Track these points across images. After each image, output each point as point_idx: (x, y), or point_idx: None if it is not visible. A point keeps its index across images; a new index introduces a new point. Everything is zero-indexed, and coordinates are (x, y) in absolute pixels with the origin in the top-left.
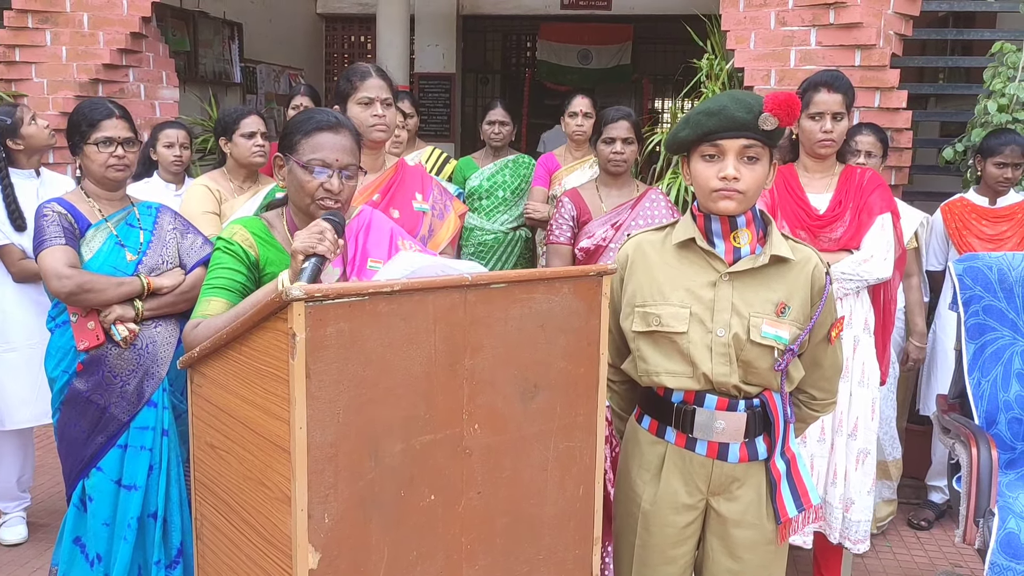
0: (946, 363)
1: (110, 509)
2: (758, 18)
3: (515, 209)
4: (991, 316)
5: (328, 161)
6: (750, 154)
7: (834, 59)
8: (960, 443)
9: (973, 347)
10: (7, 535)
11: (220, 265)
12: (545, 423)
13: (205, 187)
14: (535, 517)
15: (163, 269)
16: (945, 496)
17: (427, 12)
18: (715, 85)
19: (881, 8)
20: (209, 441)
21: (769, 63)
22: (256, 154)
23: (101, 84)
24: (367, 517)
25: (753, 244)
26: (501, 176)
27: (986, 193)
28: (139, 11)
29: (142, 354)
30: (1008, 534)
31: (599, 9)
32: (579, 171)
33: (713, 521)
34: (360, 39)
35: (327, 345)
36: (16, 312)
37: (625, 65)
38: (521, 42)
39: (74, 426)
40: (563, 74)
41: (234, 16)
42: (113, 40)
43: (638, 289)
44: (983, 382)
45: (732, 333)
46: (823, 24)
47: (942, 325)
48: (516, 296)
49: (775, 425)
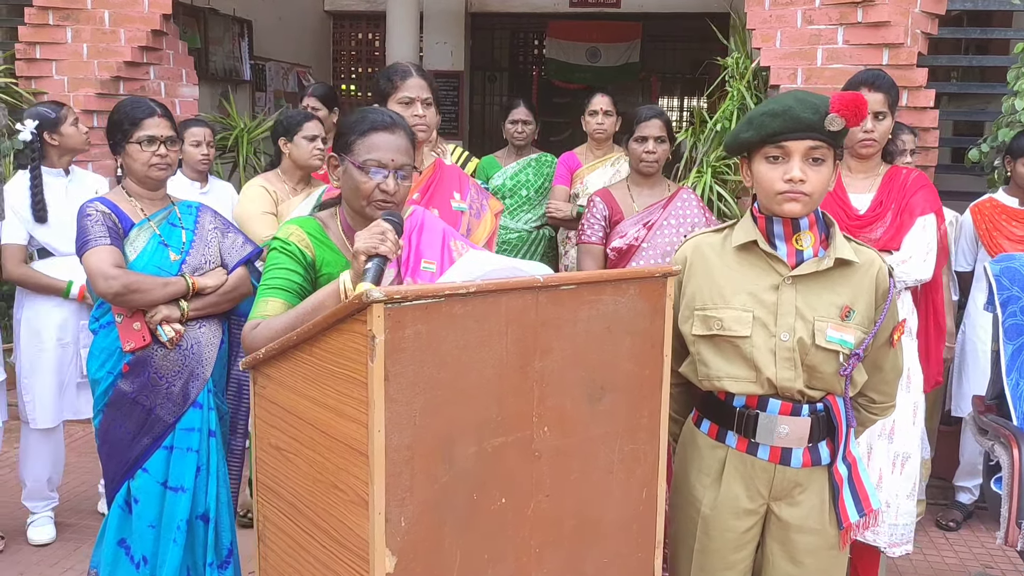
0: (976, 363)
1: (156, 511)
2: (784, 16)
3: (539, 208)
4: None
5: (384, 161)
6: (815, 155)
7: (861, 58)
8: (1000, 444)
9: (1011, 348)
10: (36, 535)
11: (277, 265)
12: (611, 425)
13: (263, 188)
14: (600, 520)
15: (206, 269)
16: (973, 497)
17: (436, 9)
18: (740, 84)
19: (908, 7)
20: (274, 443)
21: (796, 62)
22: (316, 156)
23: (122, 82)
24: (441, 520)
25: (816, 247)
26: (524, 175)
27: (1016, 193)
28: (160, 8)
29: (187, 355)
30: None
31: (608, 7)
32: (600, 170)
33: (774, 526)
34: (368, 36)
35: (405, 347)
36: (47, 313)
37: (633, 63)
38: (529, 40)
39: (119, 428)
40: (572, 72)
41: (244, 13)
42: (134, 37)
43: (697, 292)
44: (1021, 383)
45: (797, 337)
46: (850, 23)
47: (972, 325)
48: (585, 298)
49: (838, 430)
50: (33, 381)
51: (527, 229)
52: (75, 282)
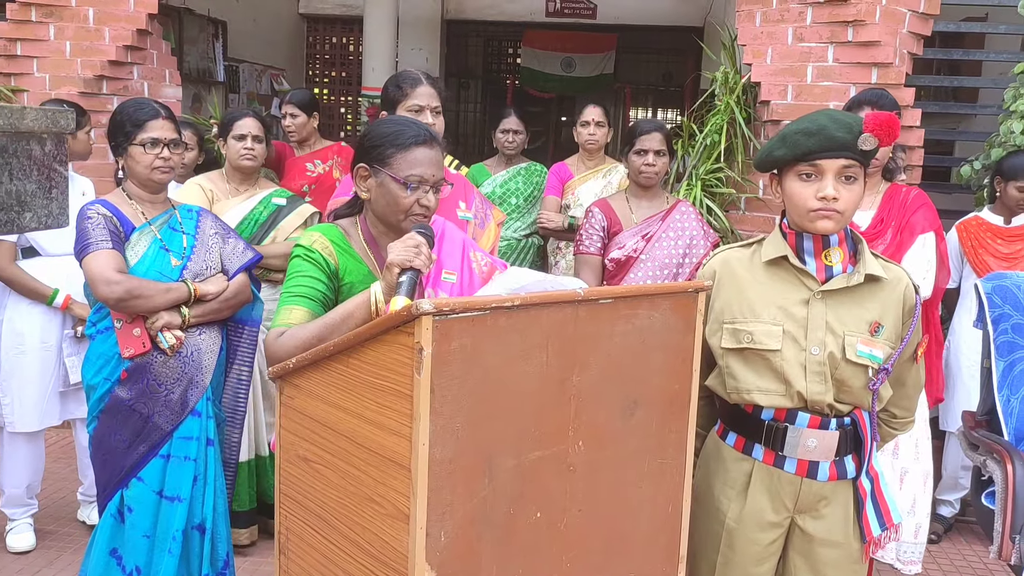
0: (961, 378)
1: (151, 520)
2: (775, 33)
3: (528, 216)
4: (1020, 334)
5: (425, 177)
6: (848, 174)
7: (851, 76)
8: (993, 460)
9: (1003, 364)
10: (16, 542)
11: (301, 273)
12: (642, 440)
13: (199, 186)
14: (629, 534)
15: (207, 275)
16: (954, 510)
17: (412, 16)
18: (730, 98)
19: (897, 27)
20: (302, 454)
21: (786, 78)
22: (244, 157)
23: (105, 81)
24: (479, 535)
25: (845, 263)
26: (514, 183)
27: (1001, 212)
28: (146, 7)
29: (187, 362)
30: None
31: (584, 17)
32: (592, 181)
33: (797, 539)
34: (342, 40)
35: (451, 360)
36: (30, 314)
37: (608, 74)
38: (503, 48)
39: (115, 435)
40: (546, 81)
41: (218, 14)
42: (119, 36)
43: (726, 306)
44: (1012, 399)
45: (827, 352)
46: (841, 41)
47: (957, 341)
48: (621, 312)
49: (864, 444)
50: (12, 384)
51: (516, 237)
52: (61, 291)
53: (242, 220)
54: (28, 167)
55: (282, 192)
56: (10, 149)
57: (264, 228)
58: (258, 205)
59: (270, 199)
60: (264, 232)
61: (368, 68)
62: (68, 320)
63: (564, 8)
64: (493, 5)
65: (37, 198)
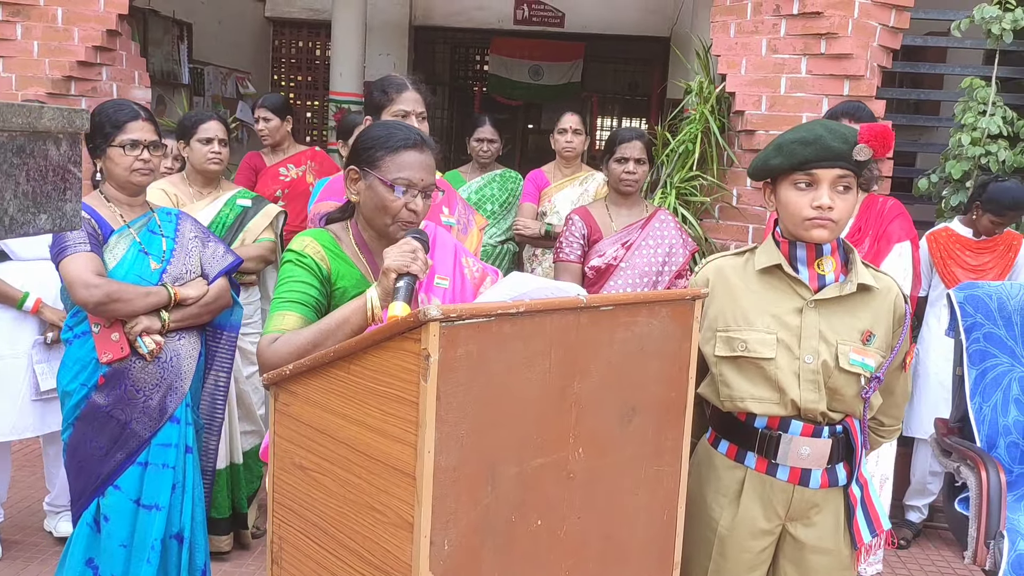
0: (928, 385)
1: (128, 529)
2: (749, 44)
3: (503, 223)
4: (991, 343)
5: (414, 181)
6: (843, 183)
7: (824, 88)
8: (966, 466)
9: (975, 372)
10: None
11: (293, 278)
12: (639, 447)
13: (162, 190)
14: (625, 541)
15: (186, 279)
16: (922, 516)
17: (379, 21)
18: (704, 107)
19: (868, 40)
20: (297, 462)
21: (760, 89)
22: (211, 161)
23: (74, 82)
24: (482, 543)
25: (837, 272)
26: (489, 189)
27: (971, 225)
28: (116, 8)
29: (166, 367)
30: (1019, 556)
31: (552, 26)
32: (568, 188)
33: (788, 546)
34: (309, 45)
35: (457, 367)
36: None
37: (575, 83)
38: (470, 55)
39: (91, 443)
40: (514, 88)
41: (184, 16)
42: (88, 37)
43: (720, 314)
44: (984, 407)
45: (821, 360)
46: (814, 53)
47: (926, 349)
48: (621, 319)
49: (855, 451)
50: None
51: (492, 244)
52: (31, 294)
53: (209, 224)
54: (44, 168)
55: (246, 193)
56: (27, 149)
57: (232, 231)
58: (224, 208)
59: (235, 200)
60: (232, 235)
61: (336, 73)
62: (38, 326)
63: (532, 16)
64: (461, 12)
65: (52, 200)
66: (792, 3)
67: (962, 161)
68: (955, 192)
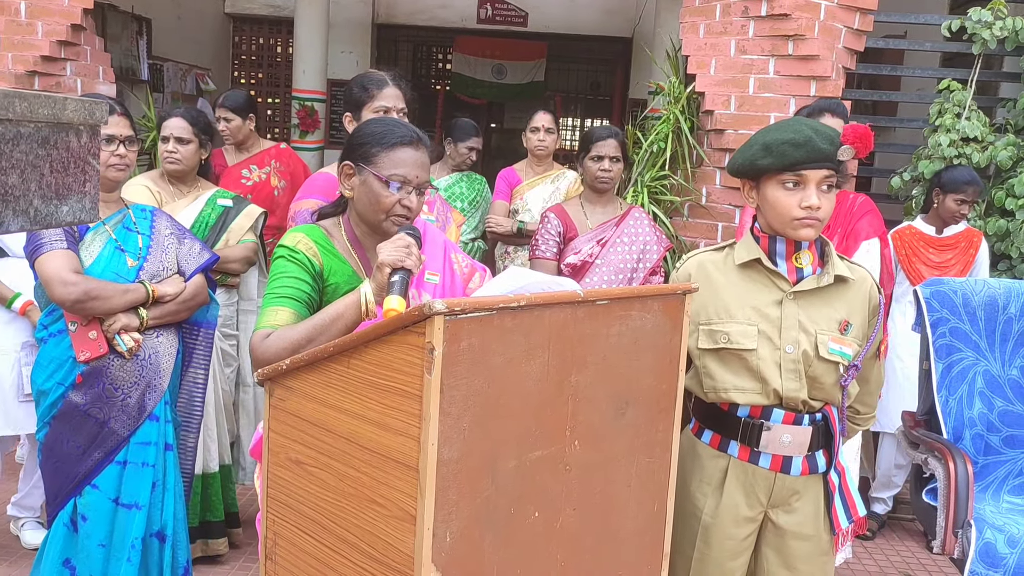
0: (895, 379)
1: (106, 529)
2: (718, 45)
3: (471, 220)
4: (957, 337)
5: (408, 178)
6: (828, 183)
7: (791, 88)
8: (934, 458)
9: (941, 366)
10: None
11: (285, 274)
12: (632, 439)
13: (146, 187)
14: (618, 532)
15: (163, 276)
16: (887, 507)
17: (342, 19)
18: (675, 108)
19: (833, 42)
20: (294, 457)
21: (729, 89)
22: (167, 160)
23: (37, 77)
24: (482, 535)
25: (814, 264)
26: (458, 187)
27: (934, 222)
28: (81, 2)
29: (144, 365)
30: (986, 544)
31: (515, 25)
32: (540, 186)
33: (770, 533)
34: (270, 42)
35: (459, 360)
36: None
37: (539, 82)
38: (433, 54)
39: (67, 442)
40: (477, 87)
41: (143, 11)
42: (52, 31)
43: (702, 307)
44: (950, 400)
45: (801, 350)
46: (782, 54)
47: (891, 344)
48: (616, 313)
49: (835, 439)
50: None
51: (462, 242)
52: (23, 295)
53: (193, 223)
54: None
55: (224, 193)
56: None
57: (215, 231)
58: (205, 207)
59: (215, 200)
60: (216, 235)
61: (299, 71)
62: (29, 327)
63: (495, 15)
64: (424, 10)
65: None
66: (760, 5)
67: (935, 162)
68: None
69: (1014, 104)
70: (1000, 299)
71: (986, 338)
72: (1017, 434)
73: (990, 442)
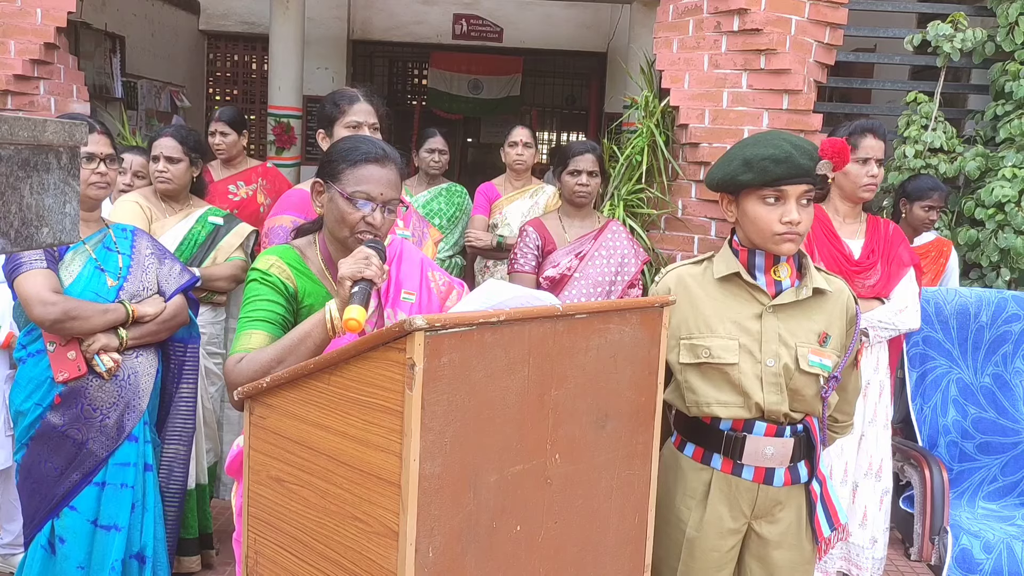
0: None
1: (85, 551)
2: (692, 60)
3: (450, 237)
4: (930, 346)
5: (373, 195)
6: (807, 197)
7: (764, 102)
8: (910, 465)
9: (915, 375)
10: None
11: (258, 297)
12: (612, 452)
13: (137, 204)
14: (599, 545)
15: (143, 296)
16: None
17: (317, 35)
18: (650, 121)
19: (805, 56)
20: (274, 475)
21: (703, 103)
22: (158, 179)
23: (10, 96)
24: (464, 550)
25: (792, 277)
26: (437, 203)
27: (905, 232)
28: (54, 21)
29: (123, 386)
30: (962, 550)
31: (490, 40)
32: (519, 201)
33: (753, 543)
34: (245, 58)
35: (440, 376)
36: None
37: (515, 96)
38: (409, 69)
39: (45, 463)
40: (453, 102)
41: (116, 28)
42: (25, 50)
43: (683, 322)
44: (925, 408)
45: (782, 363)
46: (754, 68)
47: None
48: (595, 326)
49: (816, 449)
50: None
51: (440, 258)
52: (3, 328)
53: (182, 240)
54: (47, 181)
55: (216, 211)
56: (31, 162)
57: (204, 248)
58: (195, 225)
59: (206, 218)
60: (205, 252)
61: (274, 87)
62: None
63: (471, 31)
64: (400, 26)
65: (54, 213)
66: (732, 20)
67: (903, 172)
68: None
69: (982, 116)
70: (972, 308)
71: (959, 346)
72: (991, 441)
73: (965, 449)
